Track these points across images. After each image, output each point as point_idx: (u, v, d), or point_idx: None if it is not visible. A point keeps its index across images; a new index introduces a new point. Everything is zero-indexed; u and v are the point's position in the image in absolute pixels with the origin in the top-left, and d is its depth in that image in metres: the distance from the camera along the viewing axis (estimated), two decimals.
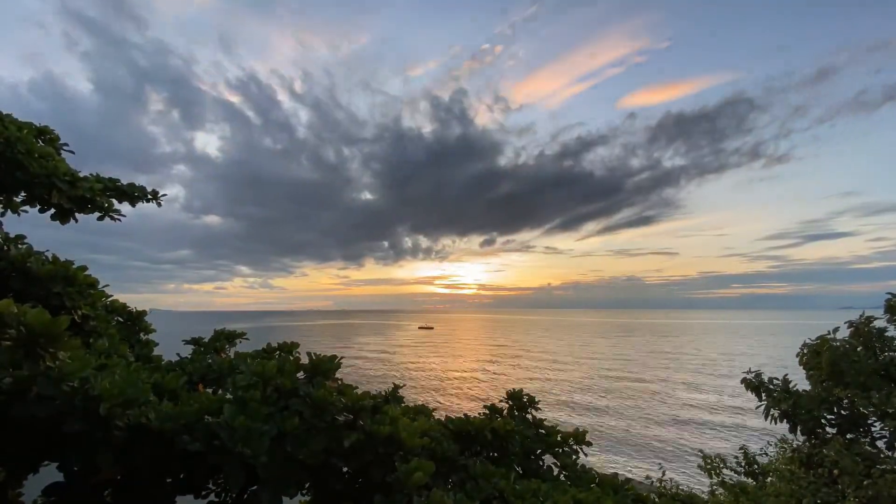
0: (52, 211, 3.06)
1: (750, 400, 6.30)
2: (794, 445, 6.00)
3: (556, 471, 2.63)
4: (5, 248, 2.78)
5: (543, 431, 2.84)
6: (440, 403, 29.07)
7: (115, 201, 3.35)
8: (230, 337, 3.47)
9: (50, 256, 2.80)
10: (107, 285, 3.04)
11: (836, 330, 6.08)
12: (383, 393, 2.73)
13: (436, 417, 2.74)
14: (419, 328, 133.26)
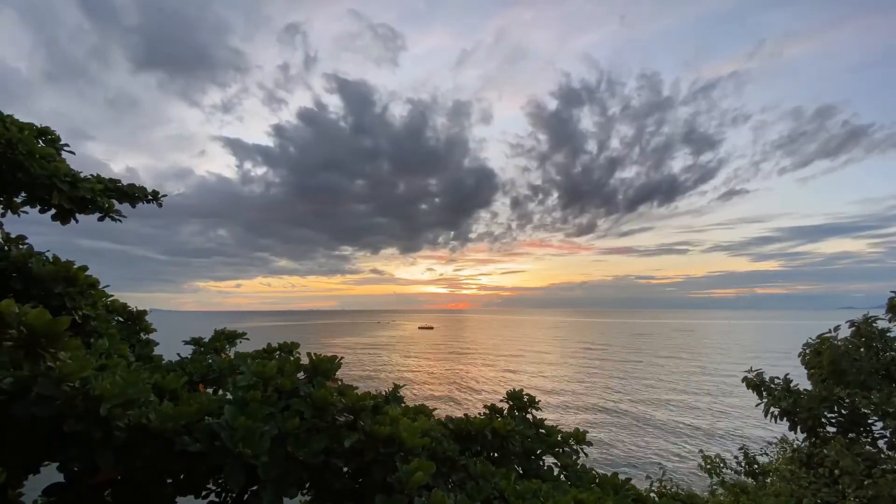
0: (53, 211, 3.07)
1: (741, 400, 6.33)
2: (795, 445, 6.00)
3: (556, 471, 2.63)
4: (6, 248, 2.78)
5: (543, 431, 2.84)
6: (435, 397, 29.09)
7: (115, 202, 3.36)
8: (230, 337, 3.47)
9: (51, 257, 2.80)
10: (107, 285, 3.05)
11: (836, 329, 6.09)
12: (384, 393, 2.73)
13: (436, 417, 2.74)
14: (419, 328, 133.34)
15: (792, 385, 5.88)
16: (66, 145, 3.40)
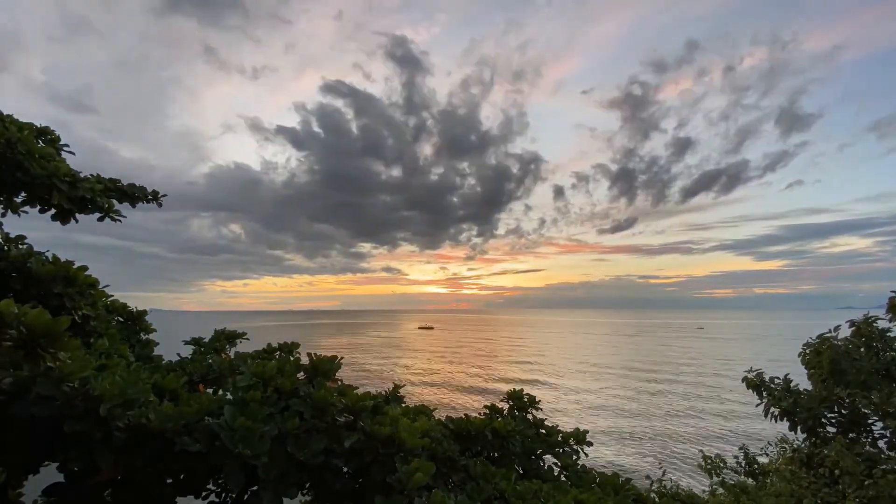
0: (53, 211, 3.06)
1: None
2: (795, 445, 6.00)
3: (556, 471, 2.63)
4: (5, 248, 2.78)
5: (544, 431, 2.84)
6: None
7: (115, 202, 3.35)
8: (230, 337, 3.48)
9: (50, 257, 2.80)
10: (107, 285, 3.05)
11: (837, 328, 6.09)
12: (384, 393, 2.73)
13: (436, 418, 2.74)
14: (419, 328, 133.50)
15: (792, 385, 5.88)
16: (66, 145, 3.40)
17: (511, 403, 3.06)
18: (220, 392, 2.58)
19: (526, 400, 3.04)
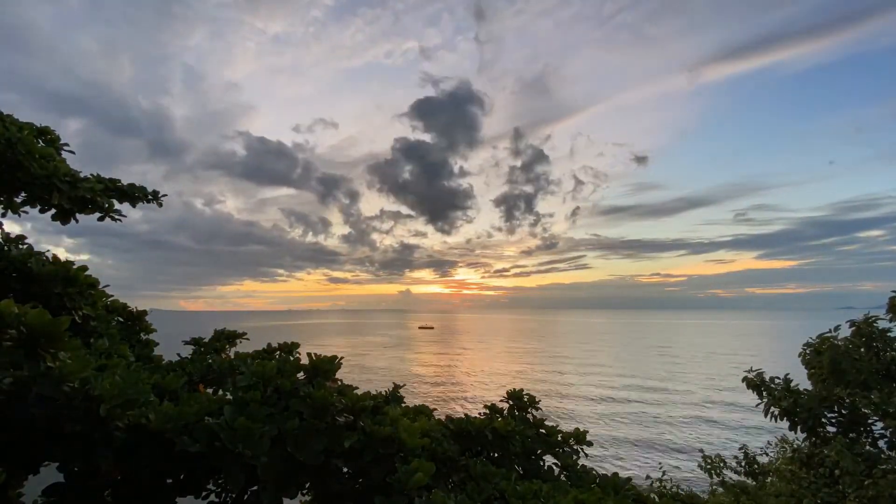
0: (53, 211, 3.07)
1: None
2: (795, 445, 6.00)
3: (556, 471, 2.63)
4: (6, 248, 2.79)
5: (544, 431, 2.84)
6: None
7: (115, 202, 3.35)
8: (230, 337, 3.47)
9: (51, 257, 2.81)
10: (107, 285, 3.05)
11: (837, 328, 6.09)
12: (383, 393, 2.73)
13: (436, 418, 2.74)
14: (419, 328, 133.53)
15: (792, 385, 5.88)
16: (66, 145, 3.40)
17: (511, 403, 3.05)
18: (220, 392, 2.58)
19: (526, 400, 3.04)
